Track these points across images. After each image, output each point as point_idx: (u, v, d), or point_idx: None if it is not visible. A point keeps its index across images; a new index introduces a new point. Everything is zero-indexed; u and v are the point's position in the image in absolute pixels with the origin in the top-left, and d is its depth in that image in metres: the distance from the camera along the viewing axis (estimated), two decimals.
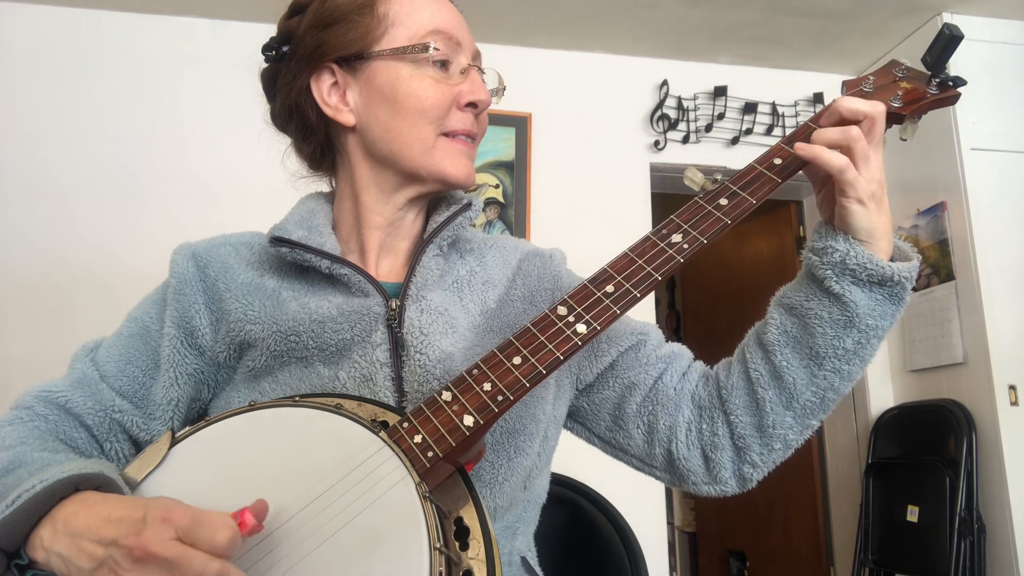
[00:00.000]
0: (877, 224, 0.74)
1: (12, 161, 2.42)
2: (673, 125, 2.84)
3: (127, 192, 2.46)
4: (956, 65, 2.38)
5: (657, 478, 0.91)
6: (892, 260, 0.77)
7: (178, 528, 0.55)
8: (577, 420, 0.93)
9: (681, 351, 0.92)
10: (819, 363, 0.78)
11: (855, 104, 0.74)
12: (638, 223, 2.74)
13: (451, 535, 0.63)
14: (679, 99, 2.86)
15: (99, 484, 0.63)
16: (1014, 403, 2.33)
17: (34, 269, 2.37)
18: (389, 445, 0.65)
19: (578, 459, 1.05)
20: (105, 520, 0.57)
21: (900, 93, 0.80)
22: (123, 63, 2.54)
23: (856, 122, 0.74)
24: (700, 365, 0.91)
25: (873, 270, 0.74)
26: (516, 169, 2.69)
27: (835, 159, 0.72)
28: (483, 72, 0.87)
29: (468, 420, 0.66)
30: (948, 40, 0.78)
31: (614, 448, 0.91)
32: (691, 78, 2.88)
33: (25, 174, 2.42)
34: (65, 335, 1.24)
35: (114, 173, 2.46)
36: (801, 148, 0.74)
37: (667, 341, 0.93)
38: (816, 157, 0.72)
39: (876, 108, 0.74)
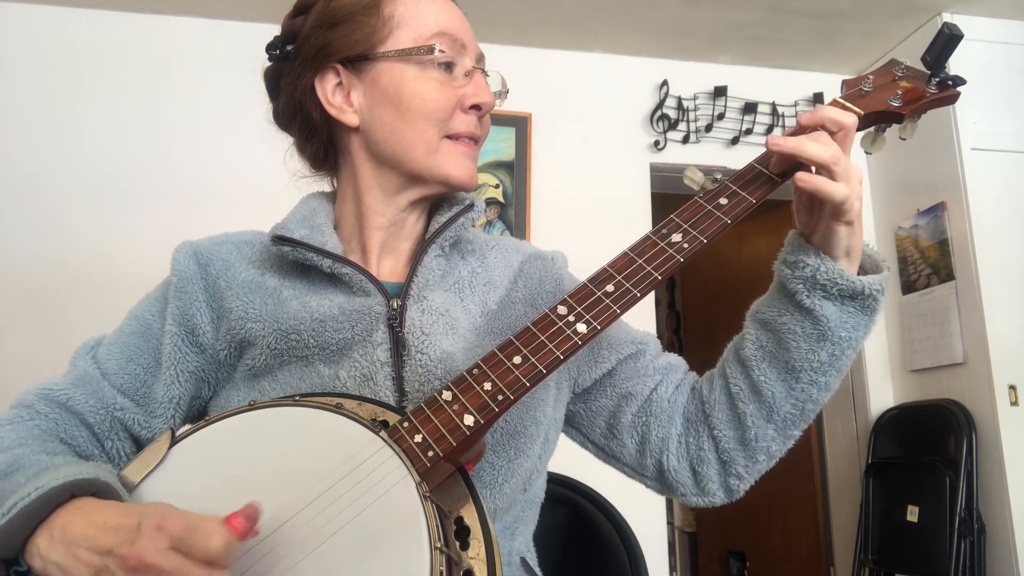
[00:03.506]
0: (855, 243, 0.74)
1: (12, 161, 2.42)
2: (673, 125, 2.84)
3: (127, 193, 2.45)
4: (956, 65, 2.38)
5: (648, 487, 0.91)
6: (863, 269, 0.77)
7: (172, 536, 0.54)
8: (572, 425, 0.93)
9: (678, 363, 0.92)
10: (796, 376, 0.78)
11: (838, 115, 0.73)
12: (638, 223, 2.74)
13: (451, 534, 0.63)
14: (679, 99, 2.86)
15: (95, 489, 0.63)
16: (1014, 403, 2.33)
17: (33, 269, 2.37)
18: (389, 445, 0.65)
19: (578, 459, 1.05)
20: (101, 529, 0.57)
21: (900, 92, 0.80)
22: (123, 63, 2.54)
23: (832, 132, 0.73)
24: (693, 377, 0.92)
25: (844, 285, 0.74)
26: (516, 169, 2.69)
27: (839, 189, 0.69)
28: (487, 74, 0.87)
29: (468, 419, 0.66)
30: (948, 39, 0.78)
31: (607, 455, 0.92)
32: (691, 78, 2.88)
33: (24, 174, 2.42)
34: (64, 335, 1.24)
35: (113, 173, 2.46)
36: (803, 180, 0.70)
37: (667, 343, 0.93)
38: (819, 189, 0.70)
39: (851, 119, 0.73)
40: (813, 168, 0.72)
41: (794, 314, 0.77)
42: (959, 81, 0.81)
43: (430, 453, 0.64)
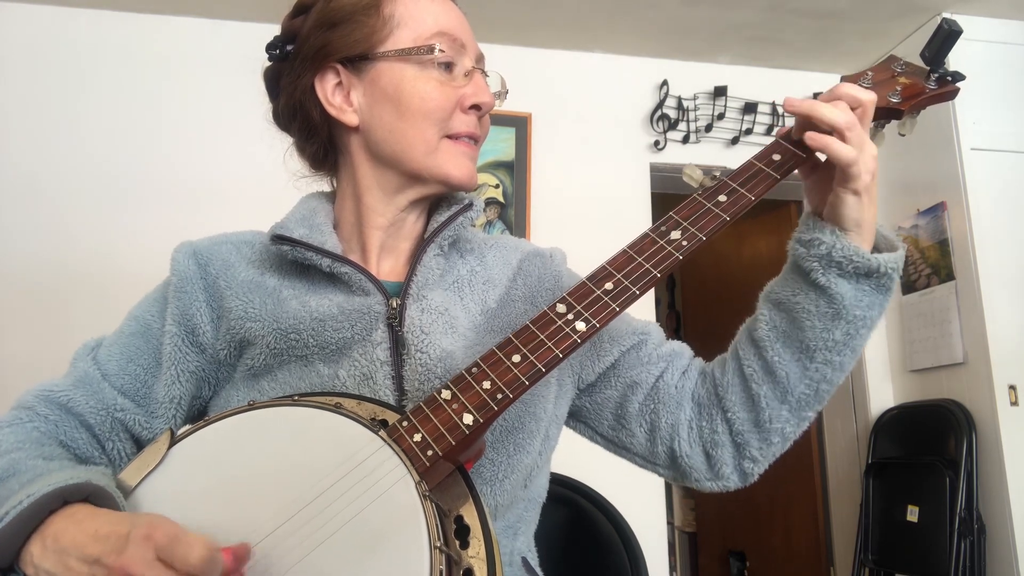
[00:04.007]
0: (867, 216, 0.74)
1: (12, 161, 2.42)
2: (673, 125, 2.84)
3: (126, 193, 2.45)
4: (956, 64, 2.35)
5: (660, 475, 0.91)
6: (878, 249, 0.77)
7: (157, 546, 0.55)
8: (580, 419, 0.93)
9: (682, 349, 0.92)
10: (810, 356, 0.78)
11: (855, 91, 0.74)
12: (638, 223, 2.73)
13: (451, 534, 0.63)
14: (679, 99, 2.86)
15: (87, 494, 0.63)
16: (1014, 403, 2.33)
17: (33, 269, 2.37)
18: (389, 444, 0.65)
19: (578, 459, 1.05)
20: (91, 537, 0.58)
21: (899, 88, 0.80)
22: (123, 63, 2.54)
23: (852, 109, 0.74)
24: (699, 362, 0.92)
25: (859, 263, 0.74)
26: (516, 169, 2.69)
27: (846, 150, 0.71)
28: (486, 75, 0.87)
29: (468, 418, 0.66)
30: (947, 35, 0.78)
31: (617, 447, 0.92)
32: (691, 78, 2.88)
33: (24, 174, 2.42)
34: (64, 335, 1.24)
35: (113, 173, 2.46)
36: (811, 138, 0.72)
37: (667, 339, 0.94)
38: (826, 147, 0.72)
39: (869, 96, 0.74)
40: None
41: (808, 293, 0.77)
42: (958, 77, 0.81)
43: (429, 452, 0.64)
